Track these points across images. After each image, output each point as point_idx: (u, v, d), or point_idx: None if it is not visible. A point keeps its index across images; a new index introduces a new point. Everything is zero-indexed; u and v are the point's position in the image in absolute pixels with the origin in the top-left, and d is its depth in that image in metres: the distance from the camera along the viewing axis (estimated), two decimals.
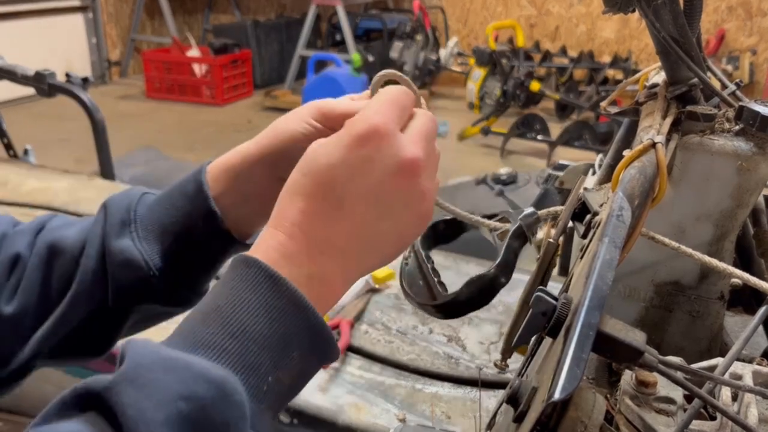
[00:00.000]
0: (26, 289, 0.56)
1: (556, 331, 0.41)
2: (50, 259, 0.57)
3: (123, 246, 0.54)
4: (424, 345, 1.07)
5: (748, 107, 0.61)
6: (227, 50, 5.35)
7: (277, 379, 0.39)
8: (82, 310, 0.55)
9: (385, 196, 0.43)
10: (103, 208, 0.58)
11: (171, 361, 0.35)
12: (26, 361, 0.56)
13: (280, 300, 0.39)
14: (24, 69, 1.96)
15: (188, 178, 0.57)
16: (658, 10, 0.59)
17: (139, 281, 0.55)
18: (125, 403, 0.33)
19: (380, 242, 0.44)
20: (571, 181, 1.17)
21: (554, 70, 4.82)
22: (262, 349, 0.38)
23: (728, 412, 0.46)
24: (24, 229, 0.59)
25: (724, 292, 0.70)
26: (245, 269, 0.40)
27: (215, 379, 0.35)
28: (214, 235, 0.55)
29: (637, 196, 0.51)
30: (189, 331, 0.39)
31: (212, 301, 0.40)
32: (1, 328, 0.55)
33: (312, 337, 0.41)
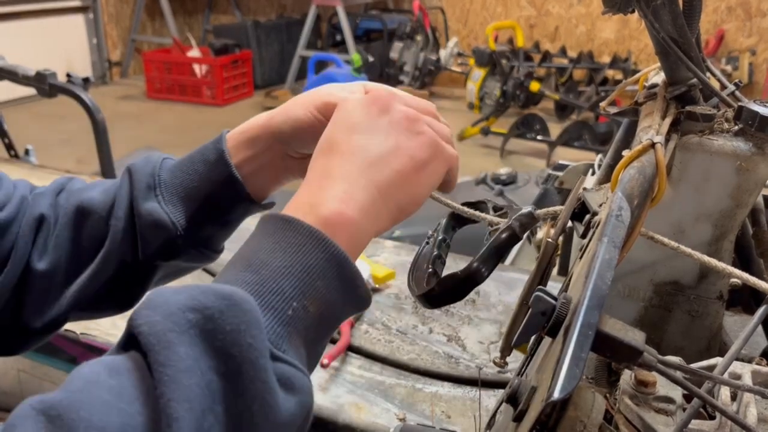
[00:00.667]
0: (57, 247, 0.61)
1: (556, 330, 0.41)
2: (79, 219, 0.61)
3: (151, 208, 0.59)
4: (424, 345, 1.07)
5: (747, 107, 0.61)
6: (228, 51, 5.35)
7: (304, 306, 0.40)
8: (113, 267, 0.60)
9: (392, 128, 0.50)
10: (127, 172, 0.62)
11: (183, 287, 0.38)
12: (61, 314, 0.61)
13: (296, 237, 0.42)
14: (25, 69, 1.96)
15: (208, 146, 0.61)
16: (658, 10, 0.59)
17: (165, 240, 0.60)
18: (140, 323, 0.36)
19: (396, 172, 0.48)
20: (571, 181, 1.17)
21: (554, 70, 4.82)
22: (283, 277, 0.40)
23: (727, 411, 0.46)
24: (44, 191, 0.64)
25: (723, 292, 0.71)
26: (264, 223, 0.45)
27: (222, 291, 0.37)
28: (234, 198, 0.61)
29: (636, 196, 0.51)
30: (214, 279, 0.42)
31: (236, 254, 0.44)
32: (35, 282, 0.60)
33: (336, 267, 0.42)
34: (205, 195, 0.60)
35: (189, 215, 0.60)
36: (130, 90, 5.77)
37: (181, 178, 0.61)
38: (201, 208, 0.61)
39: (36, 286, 0.61)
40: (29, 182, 0.66)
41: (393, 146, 0.49)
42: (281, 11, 6.66)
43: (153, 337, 0.35)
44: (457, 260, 1.33)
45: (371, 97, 0.52)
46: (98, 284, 0.61)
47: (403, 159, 0.48)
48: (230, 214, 0.62)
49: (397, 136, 0.49)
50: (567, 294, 0.43)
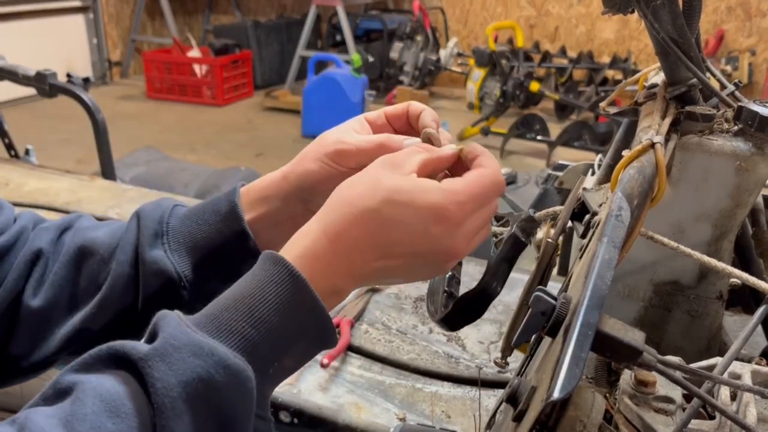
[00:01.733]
0: (54, 285, 0.59)
1: (556, 330, 0.41)
2: (80, 259, 0.60)
3: (156, 257, 0.58)
4: (424, 344, 1.07)
5: (746, 107, 0.62)
6: (228, 51, 5.35)
7: (282, 364, 0.45)
8: (111, 312, 0.58)
9: (421, 264, 0.50)
10: (135, 217, 0.61)
11: (198, 346, 0.41)
12: (50, 354, 0.59)
13: (297, 297, 0.45)
14: (25, 69, 1.96)
15: (220, 198, 0.60)
16: (657, 10, 0.59)
17: (168, 290, 0.58)
18: (156, 377, 0.39)
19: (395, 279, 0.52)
20: (571, 181, 1.17)
21: (554, 70, 4.82)
22: (276, 339, 0.44)
23: (727, 411, 0.46)
24: (48, 226, 0.62)
25: (723, 292, 0.71)
26: (272, 266, 0.46)
27: (232, 368, 0.41)
28: (243, 253, 0.59)
29: (636, 196, 0.51)
30: (216, 315, 0.44)
31: (239, 291, 0.46)
32: (28, 319, 0.59)
33: (319, 332, 0.47)
34: (213, 247, 0.59)
35: (195, 266, 0.59)
36: (130, 90, 5.77)
37: (191, 227, 0.59)
38: (208, 260, 0.59)
39: (28, 323, 0.59)
40: (36, 215, 0.64)
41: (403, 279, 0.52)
42: (281, 11, 6.66)
43: (168, 400, 0.39)
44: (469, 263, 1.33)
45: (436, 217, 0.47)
46: (93, 327, 0.59)
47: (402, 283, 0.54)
48: (238, 268, 0.59)
49: (416, 272, 0.51)
50: (567, 294, 0.43)
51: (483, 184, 0.50)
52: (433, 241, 0.48)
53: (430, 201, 0.47)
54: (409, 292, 1.23)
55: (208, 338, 0.42)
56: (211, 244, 0.59)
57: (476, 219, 0.50)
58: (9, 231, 0.60)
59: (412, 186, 0.48)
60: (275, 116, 5.01)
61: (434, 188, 0.48)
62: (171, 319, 0.43)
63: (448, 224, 0.48)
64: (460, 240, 0.49)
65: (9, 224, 0.61)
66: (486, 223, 0.52)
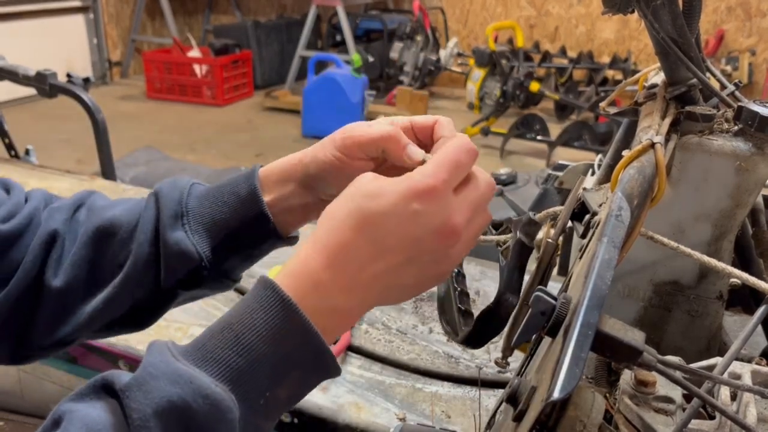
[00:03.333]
0: (74, 265, 0.60)
1: (556, 330, 0.41)
2: (100, 239, 0.60)
3: (177, 238, 0.58)
4: (423, 344, 1.07)
5: (746, 107, 0.62)
6: (228, 51, 5.35)
7: (275, 394, 0.43)
8: (133, 291, 0.59)
9: (420, 250, 0.46)
10: (153, 197, 0.61)
11: (176, 374, 0.40)
12: (72, 333, 0.61)
13: (287, 323, 0.43)
14: (25, 69, 1.96)
15: (239, 180, 0.60)
16: (657, 10, 0.59)
17: (190, 270, 0.59)
18: (132, 407, 0.39)
19: (400, 287, 0.48)
20: (571, 181, 1.17)
21: (554, 70, 4.82)
22: (265, 368, 0.42)
23: (727, 411, 0.46)
24: (60, 206, 0.62)
25: (723, 292, 0.71)
26: (263, 290, 0.44)
27: (211, 397, 0.40)
28: (262, 234, 0.60)
29: (636, 196, 0.51)
30: (203, 343, 0.43)
31: (228, 318, 0.44)
32: (50, 300, 0.59)
33: (314, 360, 0.44)
34: (232, 228, 0.60)
35: (214, 247, 0.60)
36: (131, 90, 5.77)
37: (210, 208, 0.60)
38: (227, 240, 0.60)
39: (50, 303, 0.60)
40: (46, 193, 0.65)
41: (411, 283, 0.48)
42: (281, 11, 6.66)
43: (144, 431, 0.38)
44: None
45: (415, 193, 0.45)
46: (115, 307, 0.60)
47: (412, 288, 0.49)
48: (256, 248, 0.62)
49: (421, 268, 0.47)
50: (567, 294, 0.43)
51: (447, 150, 0.49)
52: (424, 220, 0.45)
53: (404, 184, 0.46)
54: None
55: (190, 366, 0.41)
56: (230, 225, 0.59)
57: (464, 189, 0.48)
58: (21, 213, 0.60)
59: (385, 181, 0.47)
60: (275, 116, 5.01)
61: (404, 176, 0.47)
62: (156, 348, 0.42)
63: (431, 196, 0.46)
64: (454, 212, 0.47)
65: (20, 206, 0.61)
66: (478, 190, 0.49)
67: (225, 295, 1.23)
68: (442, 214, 0.46)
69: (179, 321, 1.14)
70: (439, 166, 0.47)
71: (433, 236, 0.46)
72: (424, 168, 0.47)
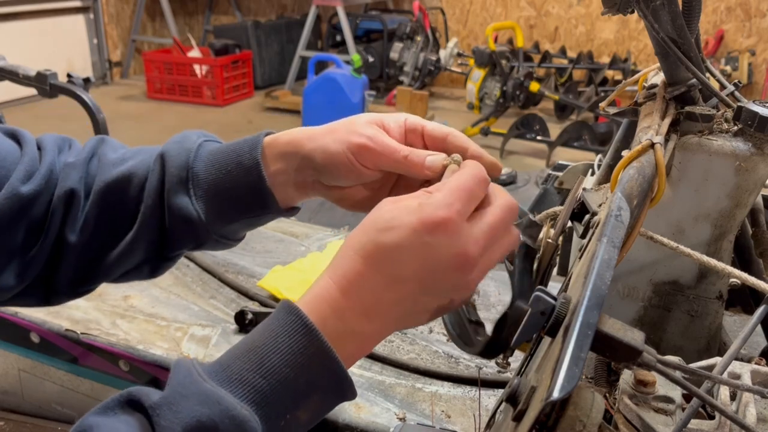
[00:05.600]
0: (88, 223, 0.62)
1: (555, 330, 0.41)
2: (110, 197, 0.62)
3: (181, 203, 0.60)
4: (424, 344, 1.07)
5: (746, 108, 0.62)
6: (228, 51, 5.35)
7: (295, 416, 0.45)
8: (143, 249, 0.62)
9: (435, 281, 0.47)
10: (159, 159, 0.62)
11: (205, 395, 0.42)
12: (92, 284, 0.65)
13: (310, 349, 0.45)
14: (26, 69, 1.96)
15: (244, 149, 0.61)
16: (657, 11, 0.59)
17: (192, 233, 0.61)
18: (162, 425, 0.40)
19: (419, 313, 0.49)
20: (571, 181, 1.17)
21: (553, 70, 4.82)
22: (287, 390, 0.44)
23: (727, 411, 0.46)
24: (75, 162, 0.63)
25: (722, 292, 0.71)
26: (286, 315, 0.46)
27: (238, 418, 0.41)
28: (262, 206, 0.61)
29: (635, 196, 0.51)
30: (228, 364, 0.45)
31: (253, 340, 0.46)
32: (69, 254, 0.62)
33: (334, 384, 0.46)
34: (235, 197, 0.61)
35: (218, 212, 0.61)
36: (131, 90, 5.77)
37: (215, 175, 0.61)
38: (230, 207, 0.61)
39: (71, 258, 0.62)
40: (58, 138, 0.66)
41: (430, 309, 0.49)
42: (281, 11, 6.66)
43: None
44: None
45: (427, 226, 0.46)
46: (128, 261, 0.63)
47: (430, 314, 0.50)
48: (257, 216, 0.63)
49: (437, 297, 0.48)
50: (566, 294, 0.43)
51: (461, 180, 0.49)
52: (438, 253, 0.46)
53: (416, 216, 0.47)
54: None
55: (216, 387, 0.42)
56: (233, 194, 0.61)
57: (480, 217, 0.49)
58: (39, 173, 0.61)
59: (400, 210, 0.48)
60: (275, 116, 5.01)
61: (414, 203, 0.48)
62: (183, 367, 0.44)
63: (444, 228, 0.46)
64: (469, 242, 0.47)
65: (35, 163, 0.62)
66: (495, 215, 0.49)
67: (226, 296, 1.23)
68: (456, 246, 0.47)
69: (179, 321, 1.14)
70: (451, 196, 0.48)
71: (447, 267, 0.47)
72: (436, 198, 0.48)
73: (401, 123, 0.60)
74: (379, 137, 0.57)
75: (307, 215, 2.17)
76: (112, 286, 1.24)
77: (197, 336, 1.10)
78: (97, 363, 1.08)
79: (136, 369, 1.06)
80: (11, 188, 0.59)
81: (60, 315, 1.13)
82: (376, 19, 5.55)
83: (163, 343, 1.07)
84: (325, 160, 0.58)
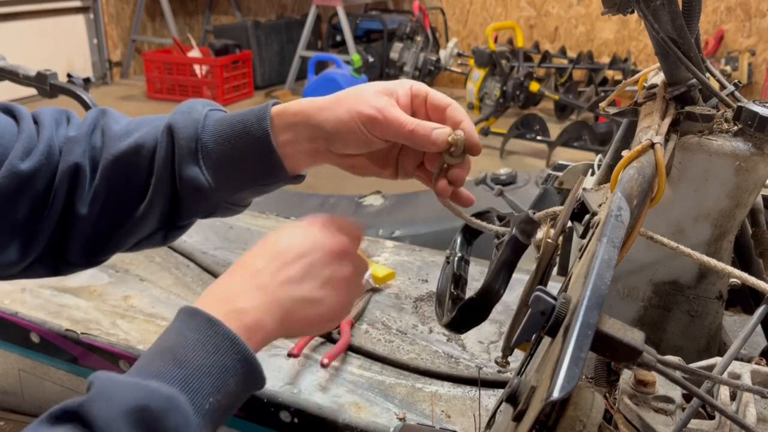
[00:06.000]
0: (99, 196, 0.62)
1: (555, 330, 0.41)
2: (119, 171, 0.63)
3: (192, 174, 0.61)
4: (423, 344, 1.07)
5: (746, 108, 0.62)
6: (228, 51, 5.35)
7: (218, 401, 0.47)
8: (156, 218, 0.64)
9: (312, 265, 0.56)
10: (168, 131, 0.63)
11: (131, 383, 0.44)
12: (104, 254, 0.66)
13: (216, 337, 0.48)
14: (26, 69, 1.96)
15: (252, 120, 0.62)
16: (657, 11, 0.59)
17: (204, 202, 0.64)
18: (97, 415, 0.41)
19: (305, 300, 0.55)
20: (571, 181, 1.17)
21: (553, 70, 4.82)
22: (204, 376, 0.47)
23: (727, 411, 0.46)
24: (77, 136, 0.64)
25: (722, 292, 0.71)
26: (190, 317, 0.49)
27: (166, 394, 0.44)
28: (272, 174, 0.63)
29: (635, 196, 0.51)
30: (145, 366, 0.47)
31: (163, 343, 0.48)
32: (79, 226, 0.63)
33: (246, 367, 0.49)
34: (245, 167, 0.62)
35: (227, 181, 0.62)
36: (131, 90, 5.77)
37: (224, 145, 0.62)
38: (239, 175, 0.63)
39: (82, 230, 0.63)
40: (55, 111, 0.66)
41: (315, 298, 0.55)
42: (281, 11, 6.66)
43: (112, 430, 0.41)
44: None
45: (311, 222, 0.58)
46: (141, 230, 0.64)
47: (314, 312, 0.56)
48: (266, 185, 0.65)
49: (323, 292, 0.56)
50: (566, 294, 0.43)
51: None
52: (316, 241, 0.56)
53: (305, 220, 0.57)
54: (410, 292, 1.23)
55: (139, 379, 0.45)
56: (243, 164, 0.62)
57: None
58: (37, 149, 0.61)
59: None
60: None
61: None
62: (102, 374, 0.45)
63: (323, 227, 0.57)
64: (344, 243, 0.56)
65: (33, 138, 0.62)
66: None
67: None
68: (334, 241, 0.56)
69: None
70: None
71: (323, 255, 0.56)
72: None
73: (408, 90, 0.62)
74: (388, 109, 0.59)
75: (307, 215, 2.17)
76: (112, 286, 1.24)
77: None
78: (97, 363, 1.08)
79: None
80: (10, 166, 0.59)
81: (60, 315, 1.13)
82: (376, 19, 5.55)
83: None
84: (336, 130, 0.60)
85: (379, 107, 0.59)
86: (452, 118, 0.61)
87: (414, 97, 0.62)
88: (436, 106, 0.62)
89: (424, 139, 0.59)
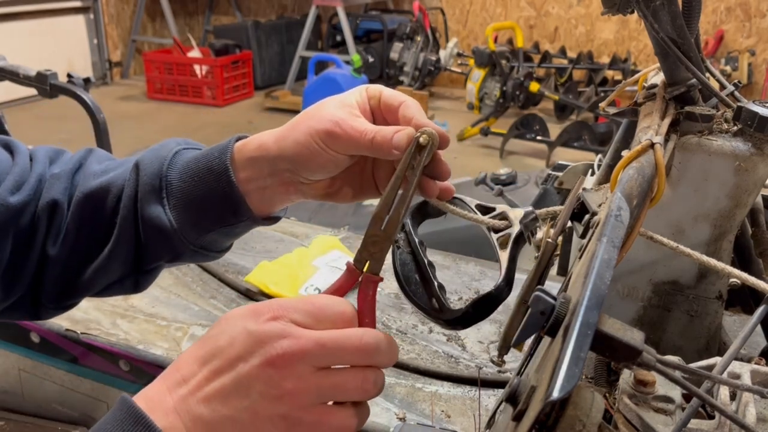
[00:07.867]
0: (69, 235, 0.61)
1: (555, 330, 0.41)
2: (88, 208, 0.61)
3: (154, 213, 0.58)
4: (423, 344, 1.07)
5: (746, 108, 0.62)
6: (228, 51, 5.35)
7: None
8: (121, 262, 0.61)
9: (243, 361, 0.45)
10: (135, 169, 0.61)
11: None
12: (74, 298, 0.64)
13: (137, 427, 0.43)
14: (26, 69, 1.96)
15: (215, 155, 0.59)
16: (657, 11, 0.59)
17: (167, 244, 0.60)
18: None
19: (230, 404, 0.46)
20: (570, 181, 1.17)
21: (553, 70, 4.82)
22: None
23: (726, 411, 0.46)
24: (61, 173, 0.62)
25: (722, 292, 0.71)
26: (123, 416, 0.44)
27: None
28: (237, 213, 0.59)
29: (635, 196, 0.51)
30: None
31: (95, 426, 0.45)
32: (52, 268, 0.61)
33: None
34: (209, 206, 0.59)
35: (191, 221, 0.59)
36: (131, 90, 5.77)
37: (188, 183, 0.59)
38: (203, 216, 0.59)
39: (53, 271, 0.61)
40: (51, 150, 0.65)
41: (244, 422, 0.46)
42: (281, 12, 6.66)
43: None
44: (469, 262, 1.33)
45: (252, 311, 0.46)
46: (108, 275, 0.61)
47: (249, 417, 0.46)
48: (232, 225, 0.60)
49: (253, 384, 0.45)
50: (566, 294, 0.43)
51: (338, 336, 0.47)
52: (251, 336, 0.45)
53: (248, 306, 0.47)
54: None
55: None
56: (206, 203, 0.58)
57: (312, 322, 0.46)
58: (28, 183, 0.60)
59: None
60: (275, 116, 5.01)
61: None
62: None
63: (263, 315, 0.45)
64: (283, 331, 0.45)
65: (26, 173, 0.61)
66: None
67: (226, 296, 1.23)
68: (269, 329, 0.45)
69: (179, 321, 1.14)
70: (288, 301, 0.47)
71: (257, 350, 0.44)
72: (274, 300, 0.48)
73: (364, 95, 0.58)
74: (345, 121, 0.55)
75: (306, 215, 2.17)
76: None
77: (197, 336, 1.10)
78: (98, 363, 1.08)
79: (136, 369, 1.06)
80: (0, 198, 0.58)
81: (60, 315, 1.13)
82: (376, 19, 5.55)
83: (163, 343, 1.07)
84: (296, 155, 0.56)
85: (336, 120, 0.55)
86: (404, 117, 0.56)
87: (370, 99, 0.58)
88: (389, 106, 0.57)
89: (385, 149, 0.53)
